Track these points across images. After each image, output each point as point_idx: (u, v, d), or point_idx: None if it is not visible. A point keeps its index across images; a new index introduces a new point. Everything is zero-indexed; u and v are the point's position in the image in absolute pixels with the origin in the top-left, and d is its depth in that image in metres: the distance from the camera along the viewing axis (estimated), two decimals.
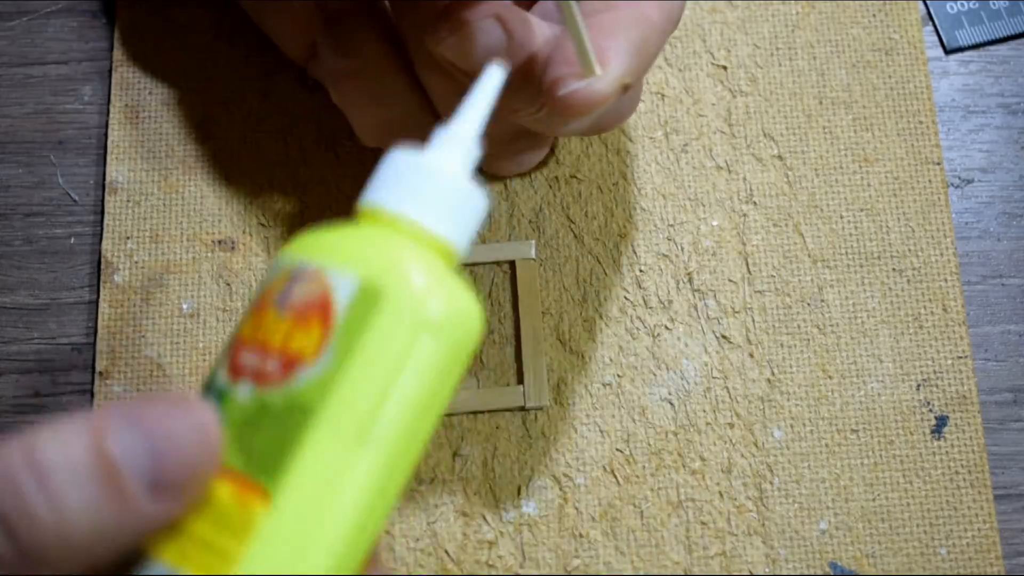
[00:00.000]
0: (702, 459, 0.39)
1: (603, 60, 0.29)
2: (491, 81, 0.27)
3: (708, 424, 0.39)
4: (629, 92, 0.32)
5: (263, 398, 0.23)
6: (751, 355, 0.40)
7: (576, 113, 0.29)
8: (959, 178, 0.42)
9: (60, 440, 0.21)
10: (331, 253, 0.24)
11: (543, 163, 0.42)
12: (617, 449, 0.39)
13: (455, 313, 0.24)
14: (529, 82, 0.31)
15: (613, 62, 0.29)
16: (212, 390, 0.24)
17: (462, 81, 0.33)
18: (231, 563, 0.21)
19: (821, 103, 0.43)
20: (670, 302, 0.40)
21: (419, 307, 0.23)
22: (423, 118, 0.36)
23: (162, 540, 0.22)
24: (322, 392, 0.22)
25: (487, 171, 0.40)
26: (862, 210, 0.41)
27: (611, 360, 0.40)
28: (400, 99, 0.36)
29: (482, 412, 0.39)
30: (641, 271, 0.41)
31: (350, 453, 0.22)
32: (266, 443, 0.22)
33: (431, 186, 0.25)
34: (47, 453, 0.21)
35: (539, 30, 0.32)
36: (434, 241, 0.25)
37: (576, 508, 0.38)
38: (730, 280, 0.41)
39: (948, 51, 0.44)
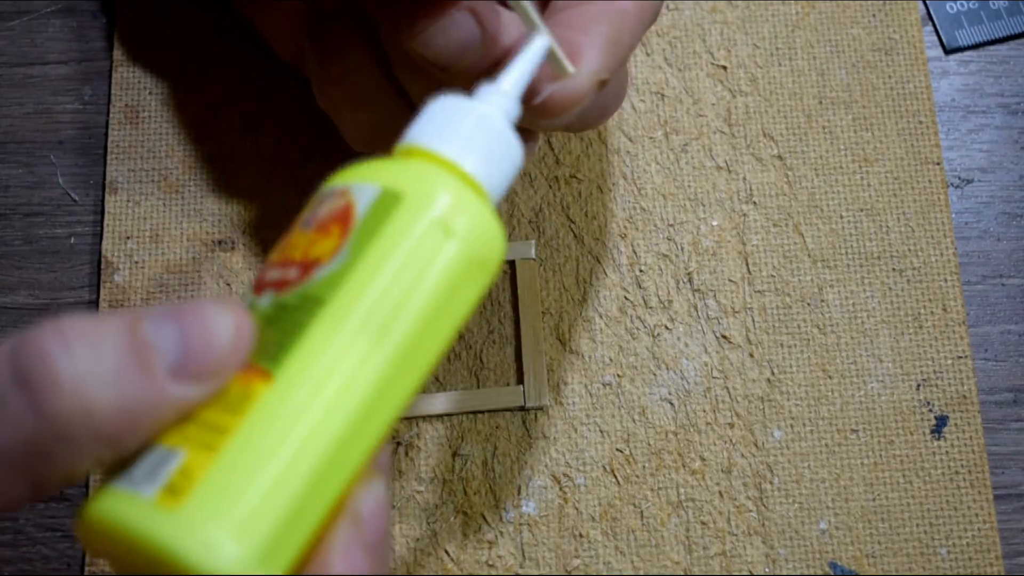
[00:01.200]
0: (702, 459, 0.39)
1: (575, 57, 0.29)
2: (537, 44, 0.27)
3: (708, 424, 0.39)
4: (611, 86, 0.31)
5: (281, 300, 0.23)
6: (751, 355, 0.40)
7: (553, 115, 0.29)
8: (959, 178, 0.42)
9: (93, 320, 0.21)
10: (360, 174, 0.25)
11: (537, 161, 0.42)
12: (617, 449, 0.39)
13: (476, 228, 0.24)
14: None
15: (586, 59, 0.29)
16: None
17: (442, 80, 0.32)
18: (225, 435, 0.21)
19: (821, 103, 0.43)
20: (670, 302, 0.40)
21: (438, 211, 0.23)
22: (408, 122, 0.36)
23: (171, 430, 0.22)
24: (334, 285, 0.23)
25: None
26: (862, 210, 0.41)
27: (611, 360, 0.40)
28: (385, 104, 0.36)
29: (482, 412, 0.39)
30: (641, 271, 0.41)
31: (356, 342, 0.22)
32: (277, 335, 0.22)
33: (469, 128, 0.25)
34: (78, 327, 0.21)
35: (514, 23, 0.32)
36: (466, 177, 0.25)
37: (576, 508, 0.38)
38: (730, 280, 0.41)
39: (948, 51, 0.44)
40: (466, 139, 0.25)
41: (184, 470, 0.21)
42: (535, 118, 0.29)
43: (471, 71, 0.31)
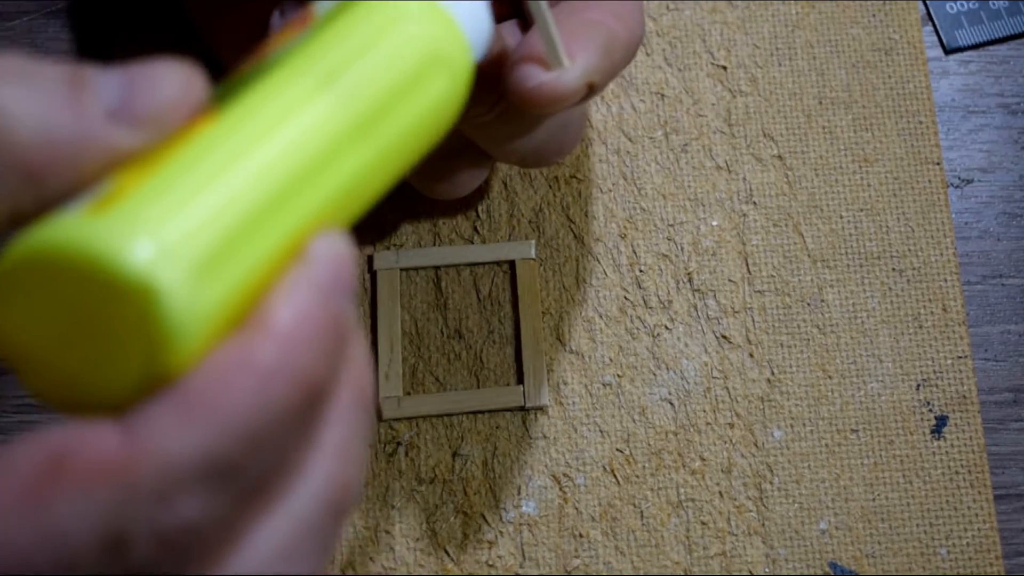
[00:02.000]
0: (702, 459, 0.39)
1: (570, 56, 0.29)
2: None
3: (708, 424, 0.39)
4: (574, 120, 0.32)
5: (232, 76, 0.22)
6: (751, 355, 0.40)
7: (541, 105, 0.29)
8: (959, 178, 0.42)
9: (35, 60, 0.20)
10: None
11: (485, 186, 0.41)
12: (617, 449, 0.39)
13: (439, 27, 0.24)
14: (484, 80, 0.31)
15: (580, 57, 0.29)
16: None
17: None
18: (162, 161, 0.20)
19: (821, 103, 0.43)
20: (670, 302, 0.40)
21: (401, 7, 0.24)
22: None
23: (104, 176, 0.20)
24: (288, 53, 0.22)
25: (423, 192, 0.39)
26: (862, 210, 0.42)
27: (611, 360, 0.40)
28: None
29: (482, 412, 0.39)
30: (641, 271, 0.41)
31: (304, 84, 0.22)
32: (224, 93, 0.22)
33: None
34: (15, 63, 0.19)
35: (504, 32, 0.32)
36: (440, 14, 0.25)
37: (576, 508, 0.38)
38: (730, 280, 0.41)
39: (948, 51, 0.44)
40: None
41: (115, 189, 0.19)
42: (521, 107, 0.29)
43: None
